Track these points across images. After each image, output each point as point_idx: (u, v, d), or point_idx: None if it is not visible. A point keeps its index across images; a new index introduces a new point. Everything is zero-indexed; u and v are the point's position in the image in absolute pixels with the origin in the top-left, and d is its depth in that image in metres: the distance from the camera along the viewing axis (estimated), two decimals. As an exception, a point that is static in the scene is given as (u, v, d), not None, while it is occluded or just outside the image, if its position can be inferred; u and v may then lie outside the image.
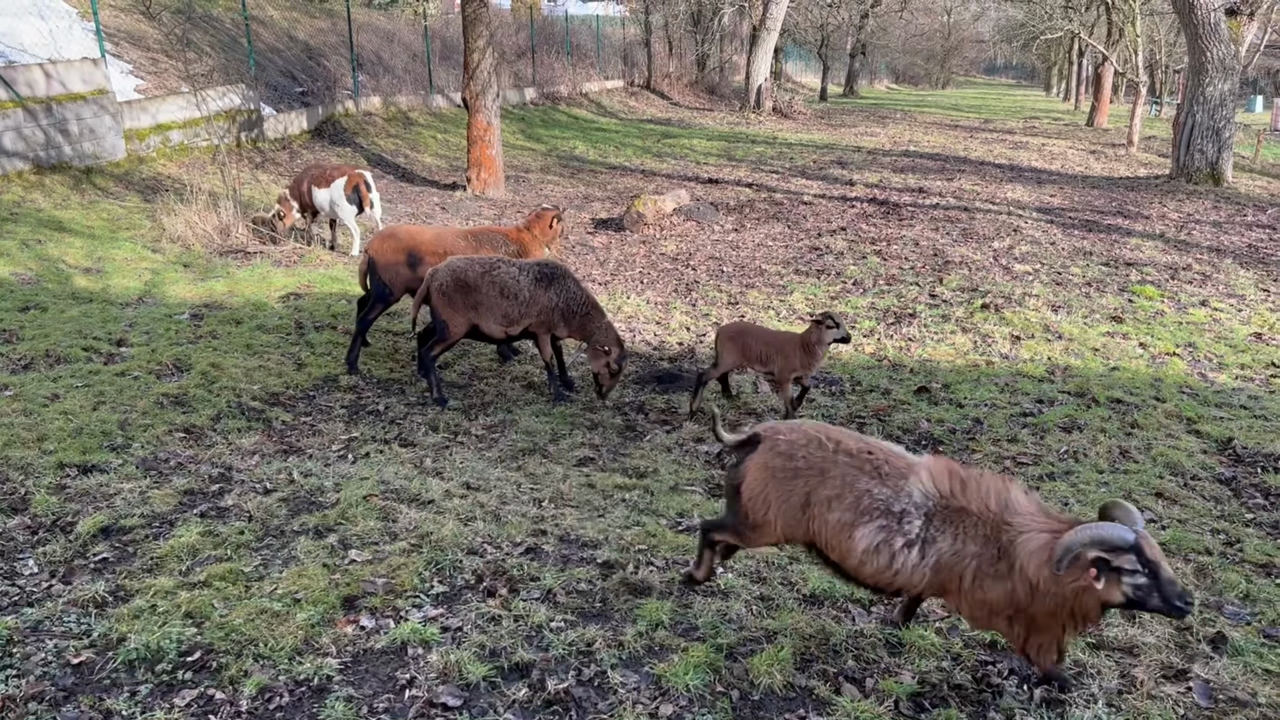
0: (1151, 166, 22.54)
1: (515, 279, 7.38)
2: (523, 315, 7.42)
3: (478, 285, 7.31)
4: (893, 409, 7.52)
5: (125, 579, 4.25)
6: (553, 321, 7.50)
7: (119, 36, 17.53)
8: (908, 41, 71.27)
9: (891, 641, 3.99)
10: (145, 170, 14.64)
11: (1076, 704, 3.57)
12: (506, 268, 7.44)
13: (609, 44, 39.80)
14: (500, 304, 7.35)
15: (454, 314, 7.34)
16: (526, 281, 7.40)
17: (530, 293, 7.38)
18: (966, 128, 33.60)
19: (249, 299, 9.34)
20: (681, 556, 4.74)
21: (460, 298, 7.31)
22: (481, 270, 7.38)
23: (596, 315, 7.57)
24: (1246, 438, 6.81)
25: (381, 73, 24.26)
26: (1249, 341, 9.18)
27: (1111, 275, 11.69)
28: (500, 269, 7.41)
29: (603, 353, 7.49)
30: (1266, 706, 3.56)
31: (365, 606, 4.08)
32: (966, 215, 15.60)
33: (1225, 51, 18.33)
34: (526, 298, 7.37)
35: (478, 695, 3.52)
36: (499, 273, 7.37)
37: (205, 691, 3.49)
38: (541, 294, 7.40)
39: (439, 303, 7.34)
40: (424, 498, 5.37)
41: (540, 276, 7.45)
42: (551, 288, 7.44)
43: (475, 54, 16.57)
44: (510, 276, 7.38)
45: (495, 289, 7.32)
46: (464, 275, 7.34)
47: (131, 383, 6.99)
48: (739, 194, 18.06)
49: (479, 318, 7.37)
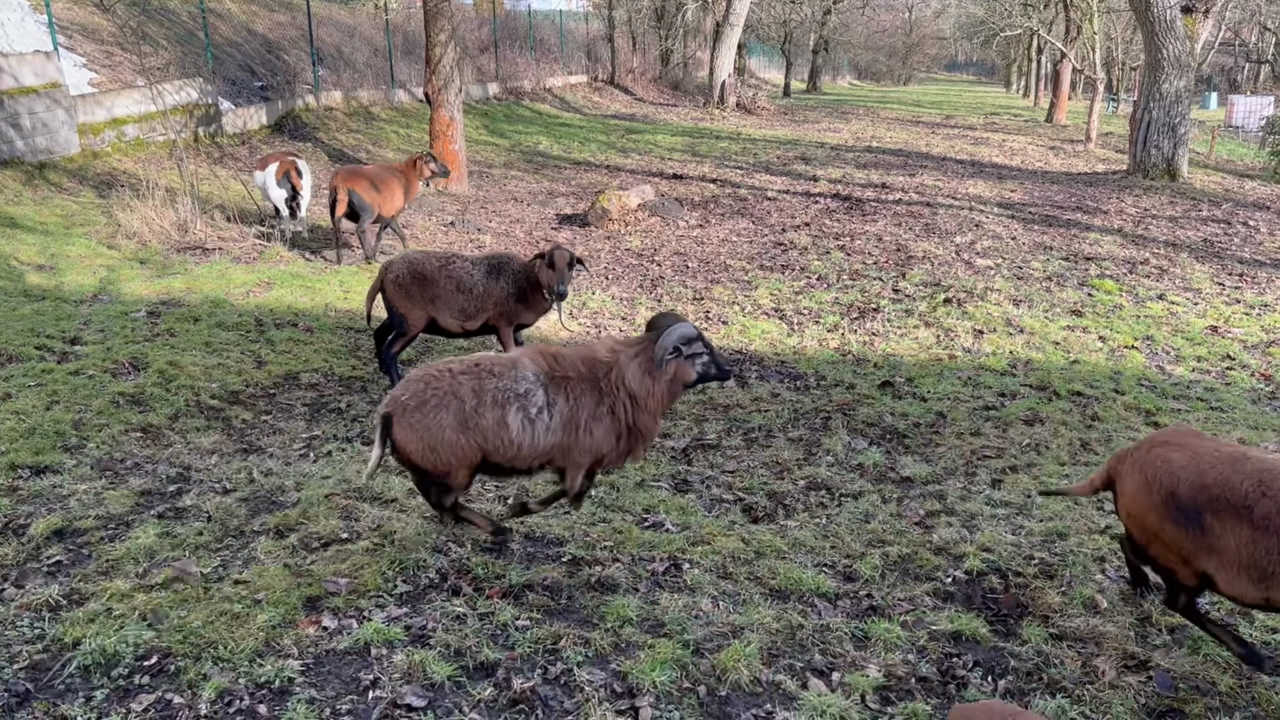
0: (1109, 162, 22.84)
1: (469, 273, 7.35)
2: (479, 309, 7.38)
3: (434, 278, 7.27)
4: (857, 403, 7.55)
5: (80, 582, 4.16)
6: (511, 310, 7.43)
7: (72, 29, 17.18)
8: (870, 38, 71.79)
9: (858, 635, 4.00)
10: (100, 165, 14.37)
11: (1039, 694, 3.60)
12: (461, 262, 7.41)
13: (572, 39, 39.68)
14: (456, 298, 7.31)
15: (411, 307, 7.28)
16: (480, 275, 7.36)
17: (484, 286, 7.35)
18: (928, 124, 33.88)
19: (208, 296, 9.20)
20: (648, 553, 4.73)
21: (417, 290, 7.25)
22: (438, 264, 7.34)
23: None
24: (1203, 429, 6.90)
25: (342, 67, 24.00)
26: (1205, 334, 9.32)
27: (1071, 270, 11.83)
28: (456, 263, 7.38)
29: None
30: (1226, 694, 3.61)
31: (328, 607, 4.02)
32: (929, 211, 15.72)
33: (1181, 48, 18.61)
34: (480, 292, 7.34)
35: (442, 695, 3.49)
36: (454, 267, 7.35)
37: (163, 696, 3.42)
38: (494, 286, 7.36)
39: (394, 296, 7.28)
40: (387, 496, 5.30)
41: (490, 269, 7.41)
42: (500, 278, 7.38)
43: (437, 48, 16.43)
44: (465, 270, 7.35)
45: (452, 283, 7.29)
46: (420, 268, 7.28)
47: (86, 382, 6.85)
48: (704, 190, 18.07)
49: (436, 311, 7.32)
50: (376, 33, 26.59)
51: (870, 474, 6.25)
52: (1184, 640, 4.00)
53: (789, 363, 8.64)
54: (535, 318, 7.73)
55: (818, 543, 5.00)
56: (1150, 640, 4.02)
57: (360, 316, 9.40)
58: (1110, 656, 3.85)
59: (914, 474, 6.18)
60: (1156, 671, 3.74)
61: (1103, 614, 4.20)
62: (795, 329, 9.66)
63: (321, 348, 8.34)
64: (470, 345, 8.42)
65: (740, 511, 5.66)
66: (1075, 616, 4.16)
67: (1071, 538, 5.00)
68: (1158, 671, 3.74)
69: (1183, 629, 4.08)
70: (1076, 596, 4.34)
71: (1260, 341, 9.09)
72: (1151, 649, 3.93)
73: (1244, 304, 10.41)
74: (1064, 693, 3.60)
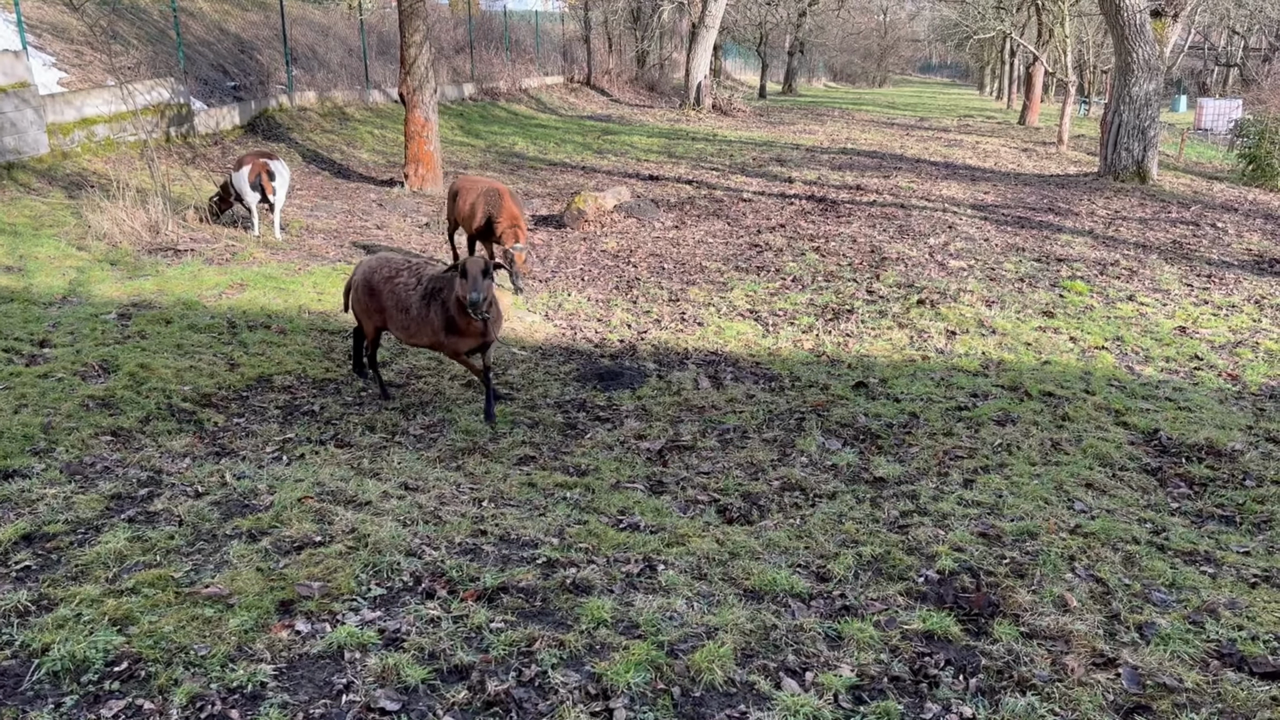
0: (1081, 164, 23.08)
1: (409, 292, 6.87)
2: (418, 330, 6.92)
3: (380, 290, 7.04)
4: (831, 404, 7.59)
5: (49, 587, 4.11)
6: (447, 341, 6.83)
7: (41, 28, 16.99)
8: (845, 40, 72.13)
9: (831, 635, 4.03)
10: (70, 166, 14.22)
11: (1010, 691, 3.63)
12: (407, 277, 6.92)
13: (548, 40, 39.64)
14: (397, 316, 6.99)
15: (363, 315, 7.26)
16: (416, 297, 6.85)
17: (419, 309, 6.84)
18: (903, 126, 34.09)
19: (180, 298, 9.12)
20: (623, 555, 4.73)
21: (367, 300, 7.15)
22: (386, 275, 7.04)
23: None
24: (1172, 429, 7.00)
25: (317, 67, 23.85)
26: (1174, 335, 9.44)
27: (1043, 271, 11.94)
28: (401, 278, 6.94)
29: None
30: (1192, 691, 3.66)
31: (301, 611, 4.00)
32: (903, 212, 15.83)
33: (1150, 52, 18.83)
34: (416, 314, 6.87)
35: (417, 698, 3.48)
36: (398, 282, 6.95)
37: (134, 701, 3.39)
38: (428, 310, 6.80)
39: (353, 299, 7.28)
40: (361, 499, 5.28)
41: (426, 293, 6.83)
42: (433, 304, 6.78)
43: (412, 49, 16.37)
44: (405, 288, 6.89)
45: (394, 299, 6.95)
46: (370, 278, 7.12)
47: (55, 385, 6.78)
48: (679, 191, 18.10)
49: (385, 322, 7.15)
50: (351, 33, 26.45)
51: (844, 474, 6.29)
52: (1152, 637, 4.06)
53: (764, 364, 8.68)
54: (471, 344, 6.87)
55: (792, 543, 5.02)
56: (1119, 638, 4.07)
57: (333, 318, 9.36)
58: (1079, 654, 3.89)
59: (887, 474, 6.22)
60: (1125, 669, 3.78)
61: (1072, 612, 4.24)
62: (770, 330, 9.70)
63: (295, 350, 8.30)
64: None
65: (715, 512, 5.69)
66: (1045, 615, 4.20)
67: (1042, 537, 5.05)
68: (1126, 669, 3.78)
69: (1151, 626, 4.13)
70: (1047, 595, 4.38)
71: (1227, 342, 9.22)
72: (1120, 646, 3.98)
73: (1212, 305, 10.55)
74: (1034, 690, 3.63)
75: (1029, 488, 5.90)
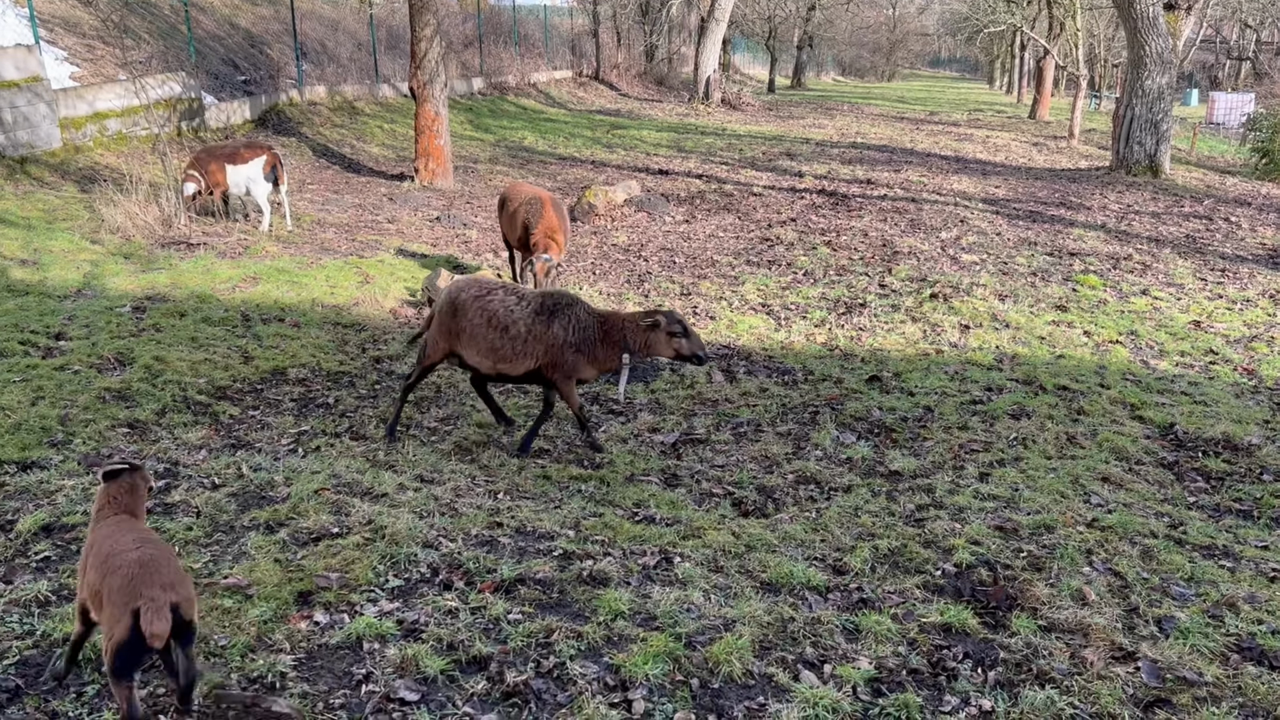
0: (1092, 159, 22.98)
1: (509, 310, 6.26)
2: (519, 353, 6.26)
3: (465, 308, 6.29)
4: (845, 397, 7.58)
5: (69, 577, 4.13)
6: (564, 361, 6.26)
7: (54, 23, 17.03)
8: (854, 34, 71.89)
9: (849, 628, 4.02)
10: (82, 160, 14.26)
11: (1029, 684, 3.63)
12: (504, 295, 6.34)
13: (557, 34, 39.61)
14: (487, 336, 6.25)
15: (436, 337, 6.45)
16: (524, 314, 6.25)
17: (529, 328, 6.22)
18: (912, 120, 33.99)
19: (193, 291, 9.14)
20: (639, 547, 4.74)
21: (449, 320, 6.34)
22: (475, 294, 6.33)
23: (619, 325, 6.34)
24: (1187, 423, 6.97)
25: (326, 62, 23.88)
26: (1188, 329, 9.40)
27: (1056, 265, 11.90)
28: (495, 295, 6.32)
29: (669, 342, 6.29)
30: (1213, 685, 3.65)
31: (319, 601, 4.01)
32: (914, 206, 15.78)
33: (1163, 45, 18.73)
34: (523, 333, 6.23)
35: (436, 689, 3.48)
36: (491, 299, 6.30)
37: (154, 691, 3.41)
38: (544, 329, 6.23)
39: (436, 316, 6.48)
40: (377, 491, 5.29)
41: (540, 310, 6.28)
42: (555, 320, 6.25)
43: (422, 43, 16.37)
44: (504, 306, 6.27)
45: (484, 318, 6.25)
46: (457, 295, 6.35)
47: (71, 377, 6.80)
48: (689, 185, 18.08)
49: (461, 346, 6.37)
50: (360, 27, 26.47)
51: (859, 468, 6.28)
52: (1171, 631, 4.04)
53: (776, 358, 8.67)
54: (596, 375, 6.53)
55: (808, 536, 5.02)
56: (1138, 631, 4.06)
57: (346, 311, 9.37)
58: (1098, 647, 3.88)
59: (902, 468, 6.21)
60: (1144, 662, 3.77)
61: (1090, 606, 4.23)
62: (782, 324, 9.69)
63: (309, 343, 8.31)
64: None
65: (730, 505, 5.69)
66: (1064, 608, 4.19)
67: (1059, 530, 5.04)
68: (1145, 662, 3.77)
69: (1170, 619, 4.12)
70: (1064, 588, 4.37)
71: (1242, 336, 9.18)
72: (1139, 640, 3.97)
73: (1226, 299, 10.51)
74: (1053, 684, 3.63)
75: (1045, 481, 5.88)
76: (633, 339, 6.23)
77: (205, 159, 11.90)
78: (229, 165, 11.80)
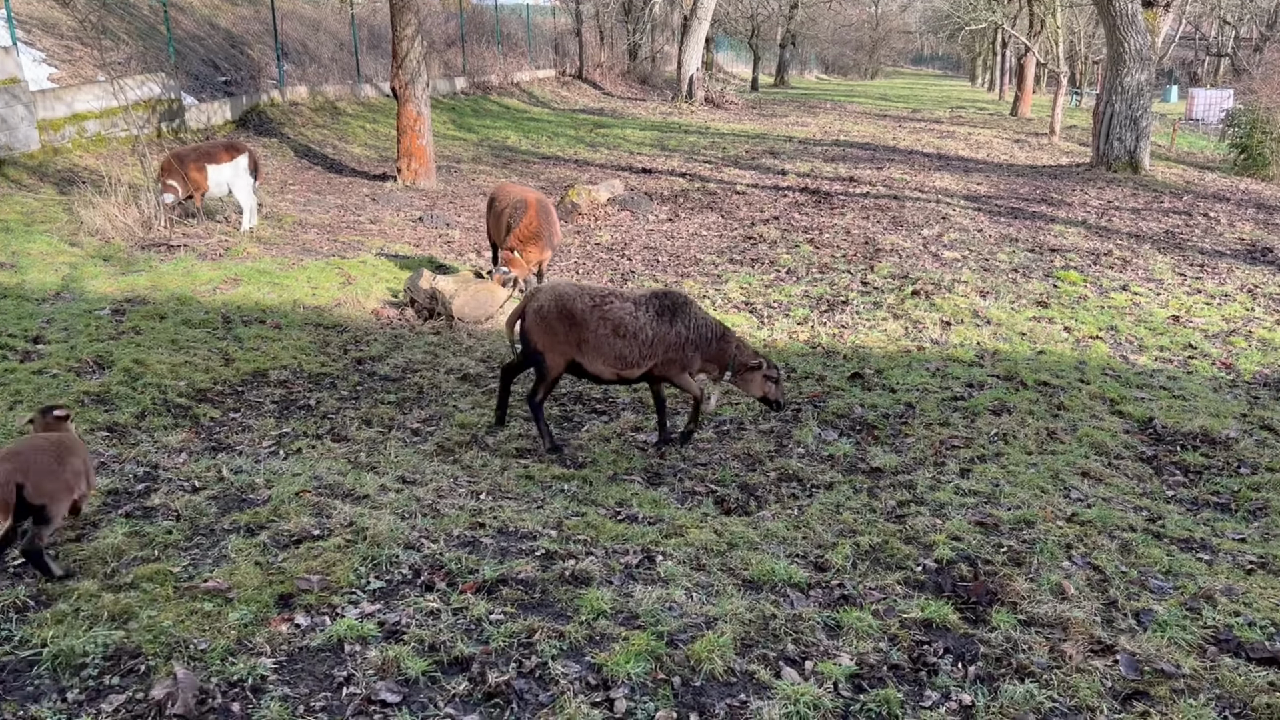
0: (1073, 155, 23.11)
1: (632, 316, 6.31)
2: (645, 354, 6.34)
3: (585, 319, 6.26)
4: (827, 395, 7.60)
5: (46, 583, 4.10)
6: (683, 358, 6.42)
7: (31, 24, 16.89)
8: (837, 32, 72.01)
9: (830, 624, 4.04)
10: (61, 162, 14.16)
11: (1009, 678, 3.65)
12: (619, 302, 6.37)
13: (540, 33, 39.55)
14: (612, 343, 6.27)
15: (551, 348, 6.32)
16: (646, 319, 6.32)
17: (654, 330, 6.31)
18: (895, 117, 34.09)
19: (173, 293, 9.09)
20: (621, 546, 4.74)
21: (565, 330, 6.29)
22: (592, 303, 6.31)
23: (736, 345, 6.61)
24: (1166, 417, 7.02)
25: (308, 62, 23.77)
26: (1167, 324, 9.47)
27: (1037, 261, 11.96)
28: (612, 303, 6.34)
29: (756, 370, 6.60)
30: (1190, 677, 3.68)
31: (300, 604, 4.00)
32: (896, 204, 15.84)
33: (1142, 42, 18.85)
34: (650, 336, 6.31)
35: (417, 690, 3.48)
36: (609, 308, 6.32)
37: (134, 695, 3.39)
38: (667, 329, 6.34)
39: (539, 331, 6.34)
40: (359, 493, 5.28)
41: (660, 311, 6.38)
42: (677, 319, 6.39)
43: (404, 42, 16.32)
44: (625, 313, 6.31)
45: (608, 326, 6.27)
46: (570, 306, 6.30)
47: (50, 381, 6.76)
48: (673, 184, 18.09)
49: (584, 356, 6.34)
50: (342, 27, 26.36)
51: (841, 465, 6.30)
52: (1149, 624, 4.07)
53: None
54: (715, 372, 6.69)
55: (789, 533, 5.03)
56: (1116, 625, 4.09)
57: (328, 312, 9.34)
58: (1077, 641, 3.91)
59: (884, 464, 6.24)
60: (1122, 655, 3.80)
61: (1070, 600, 4.26)
62: (765, 322, 9.71)
63: (290, 344, 8.28)
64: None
65: (712, 503, 5.70)
66: (1043, 602, 4.22)
67: (1039, 525, 5.07)
68: (1124, 655, 3.80)
69: (1148, 612, 4.15)
70: (1044, 583, 4.40)
71: (1221, 331, 9.25)
72: (1118, 633, 4.00)
73: (1205, 294, 10.59)
74: (1032, 677, 3.65)
75: (1025, 477, 5.92)
76: (736, 363, 6.53)
77: (184, 162, 11.79)
78: (210, 166, 11.71)
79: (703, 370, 6.57)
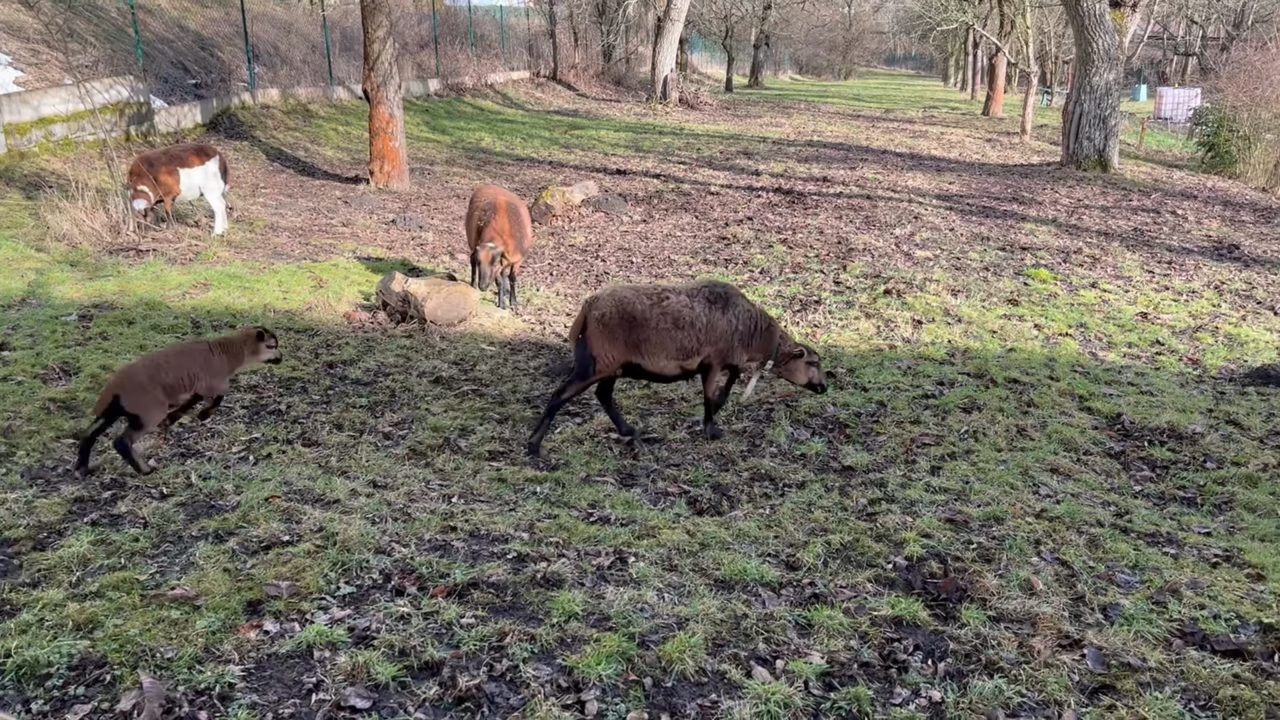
0: (1044, 154, 23.31)
1: (688, 309, 6.45)
2: (702, 343, 6.48)
3: (646, 318, 6.36)
4: (799, 394, 7.63)
5: (10, 593, 4.05)
6: (729, 349, 6.57)
7: (-5, 26, 16.69)
8: (810, 33, 72.36)
9: (801, 623, 4.05)
10: (27, 166, 13.99)
11: (978, 674, 3.67)
12: (675, 298, 6.49)
13: (514, 35, 39.47)
14: (674, 337, 6.40)
15: (608, 350, 6.38)
16: (701, 309, 6.48)
17: (709, 318, 6.47)
18: (868, 118, 34.27)
19: (142, 298, 9.00)
20: (594, 548, 4.74)
21: (625, 332, 6.36)
22: (650, 303, 6.43)
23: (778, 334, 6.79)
24: (1134, 413, 7.10)
25: (279, 64, 23.61)
26: (1136, 321, 9.56)
27: (1008, 260, 12.06)
28: (669, 300, 6.47)
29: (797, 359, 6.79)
30: (1156, 670, 3.71)
31: (269, 610, 3.97)
32: (869, 203, 15.92)
33: (1110, 42, 19.04)
34: (706, 325, 6.46)
35: (387, 695, 3.46)
36: (668, 305, 6.44)
37: (100, 705, 3.35)
38: (720, 317, 6.51)
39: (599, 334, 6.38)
40: (329, 498, 5.25)
41: (711, 300, 6.56)
42: (728, 310, 6.56)
43: (376, 44, 16.24)
44: (682, 306, 6.45)
45: (670, 321, 6.39)
46: (629, 309, 6.38)
47: (15, 388, 6.68)
48: (647, 185, 18.10)
49: (644, 355, 6.43)
50: (314, 29, 26.21)
51: (813, 464, 6.33)
52: (1116, 618, 4.11)
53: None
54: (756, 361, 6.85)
55: (761, 533, 5.04)
56: (1084, 619, 4.12)
57: (299, 316, 9.28)
58: (1046, 636, 3.94)
59: (855, 463, 6.26)
60: (1090, 649, 3.83)
61: (1038, 595, 4.29)
62: (739, 322, 9.71)
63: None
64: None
65: (685, 504, 5.70)
66: (1012, 598, 4.25)
67: (1008, 521, 5.11)
68: (1091, 649, 3.83)
69: (1115, 607, 4.19)
70: (1013, 579, 4.43)
71: (1188, 327, 9.36)
72: (1085, 627, 4.03)
73: (1172, 290, 10.71)
74: (1001, 673, 3.68)
75: (995, 473, 5.96)
76: (780, 353, 6.72)
77: (154, 166, 11.64)
78: (181, 170, 11.58)
79: (751, 360, 6.72)
